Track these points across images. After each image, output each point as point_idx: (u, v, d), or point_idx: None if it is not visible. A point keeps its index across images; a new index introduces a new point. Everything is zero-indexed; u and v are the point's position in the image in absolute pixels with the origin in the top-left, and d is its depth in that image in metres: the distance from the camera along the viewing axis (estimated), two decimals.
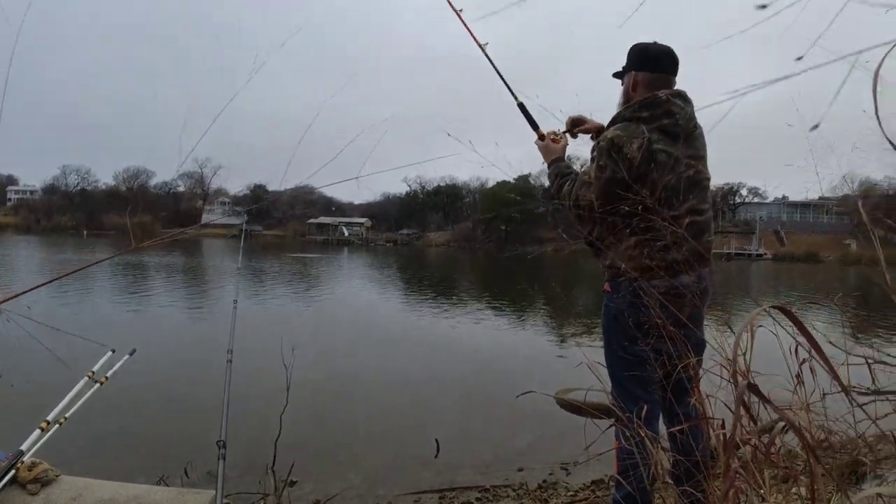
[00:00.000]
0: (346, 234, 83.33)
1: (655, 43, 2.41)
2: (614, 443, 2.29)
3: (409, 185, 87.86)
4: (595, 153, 2.37)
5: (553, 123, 2.70)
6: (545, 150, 2.69)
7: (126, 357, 3.05)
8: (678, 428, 2.05)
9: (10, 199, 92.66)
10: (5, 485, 2.10)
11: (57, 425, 2.48)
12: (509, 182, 78.01)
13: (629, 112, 2.36)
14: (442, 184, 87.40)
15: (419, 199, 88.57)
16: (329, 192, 79.50)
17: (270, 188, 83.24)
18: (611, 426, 2.30)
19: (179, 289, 18.31)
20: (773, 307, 1.54)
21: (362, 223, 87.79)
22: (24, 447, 2.27)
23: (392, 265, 36.18)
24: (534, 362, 8.50)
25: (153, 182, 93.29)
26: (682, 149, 2.32)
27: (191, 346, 9.47)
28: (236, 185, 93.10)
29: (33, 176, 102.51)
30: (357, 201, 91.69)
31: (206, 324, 11.66)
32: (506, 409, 5.81)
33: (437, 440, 4.61)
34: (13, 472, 2.15)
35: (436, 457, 4.49)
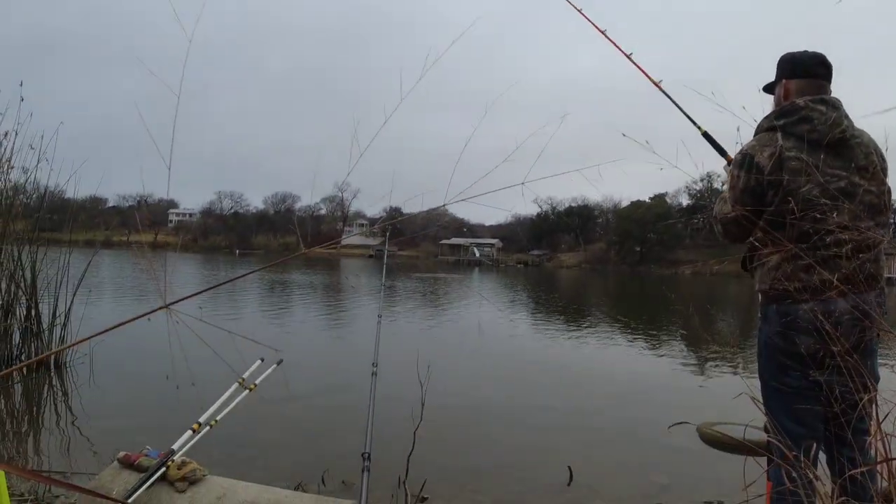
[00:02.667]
0: (477, 254, 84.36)
1: (805, 51, 2.31)
2: (766, 484, 2.14)
3: (540, 206, 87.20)
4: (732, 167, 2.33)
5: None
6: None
7: (274, 366, 3.25)
8: (857, 471, 1.78)
9: (171, 221, 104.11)
10: (155, 481, 2.25)
11: (207, 427, 2.65)
12: (644, 202, 75.22)
13: (767, 122, 2.29)
14: (573, 204, 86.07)
15: (550, 219, 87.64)
16: (461, 213, 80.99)
17: (405, 211, 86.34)
18: (769, 467, 2.12)
19: (322, 303, 19.41)
20: None
21: (493, 244, 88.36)
22: (175, 446, 2.43)
23: (524, 287, 35.89)
24: (674, 391, 7.97)
25: (298, 206, 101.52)
26: (825, 157, 2.12)
27: (334, 357, 9.94)
28: (373, 209, 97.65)
29: (191, 200, 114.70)
30: (488, 223, 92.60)
31: (349, 337, 12.23)
32: (646, 440, 5.47)
33: (569, 467, 4.39)
34: (163, 469, 2.30)
35: (568, 484, 4.28)
